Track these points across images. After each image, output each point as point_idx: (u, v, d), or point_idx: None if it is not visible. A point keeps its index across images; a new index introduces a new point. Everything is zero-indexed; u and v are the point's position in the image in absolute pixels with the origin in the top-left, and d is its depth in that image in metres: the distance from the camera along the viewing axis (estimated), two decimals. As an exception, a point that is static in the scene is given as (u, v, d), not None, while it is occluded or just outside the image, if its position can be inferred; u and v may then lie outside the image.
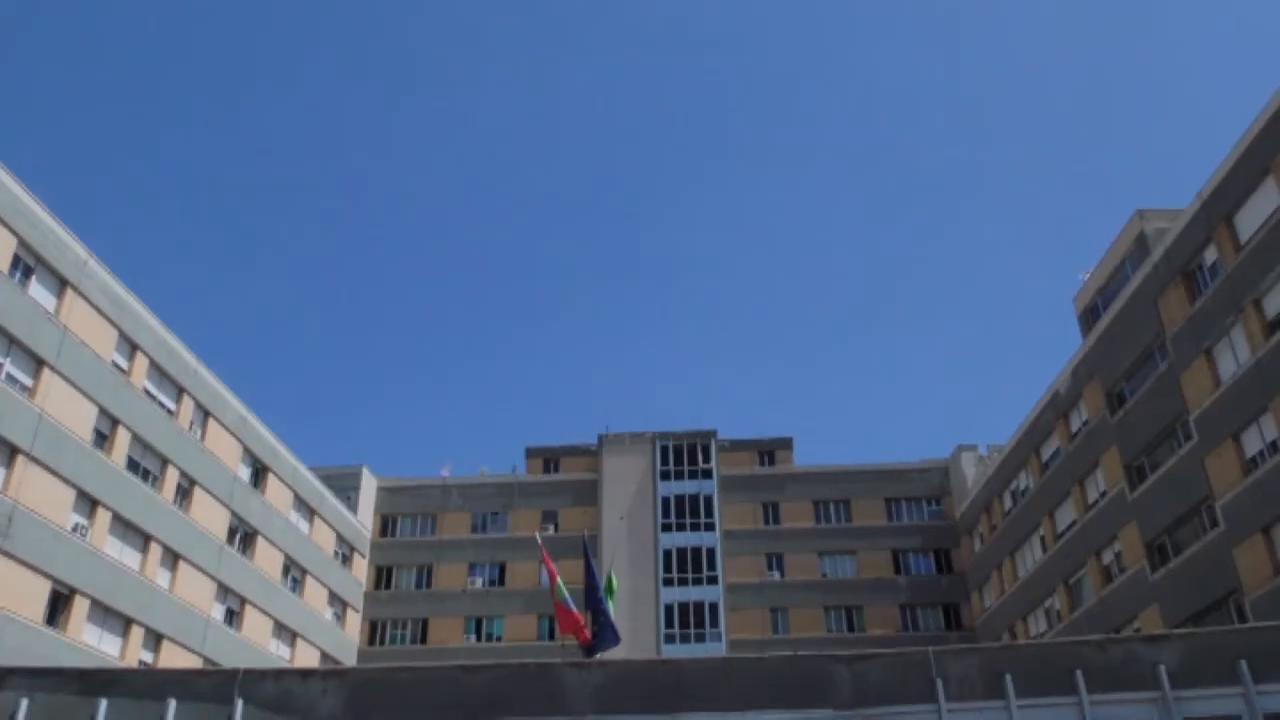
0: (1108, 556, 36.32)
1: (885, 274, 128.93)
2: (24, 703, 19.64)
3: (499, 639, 50.56)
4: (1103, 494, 36.53)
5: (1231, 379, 28.93)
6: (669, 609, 50.53)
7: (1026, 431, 43.39)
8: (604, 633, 23.28)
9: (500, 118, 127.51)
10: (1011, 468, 45.02)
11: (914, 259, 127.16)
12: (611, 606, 24.13)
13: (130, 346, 33.03)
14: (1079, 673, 19.28)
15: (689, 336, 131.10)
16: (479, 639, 50.71)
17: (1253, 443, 28.16)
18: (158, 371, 34.56)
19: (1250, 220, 28.23)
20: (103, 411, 31.34)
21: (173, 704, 20.03)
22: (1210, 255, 30.18)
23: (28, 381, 28.42)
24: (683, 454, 54.96)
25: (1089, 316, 38.45)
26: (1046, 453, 41.78)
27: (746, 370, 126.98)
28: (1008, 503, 45.66)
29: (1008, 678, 19.50)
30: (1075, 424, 39.17)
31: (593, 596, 23.74)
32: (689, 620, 50.27)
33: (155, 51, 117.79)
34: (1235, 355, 28.94)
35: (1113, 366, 35.76)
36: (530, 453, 57.67)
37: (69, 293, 30.05)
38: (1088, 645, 21.10)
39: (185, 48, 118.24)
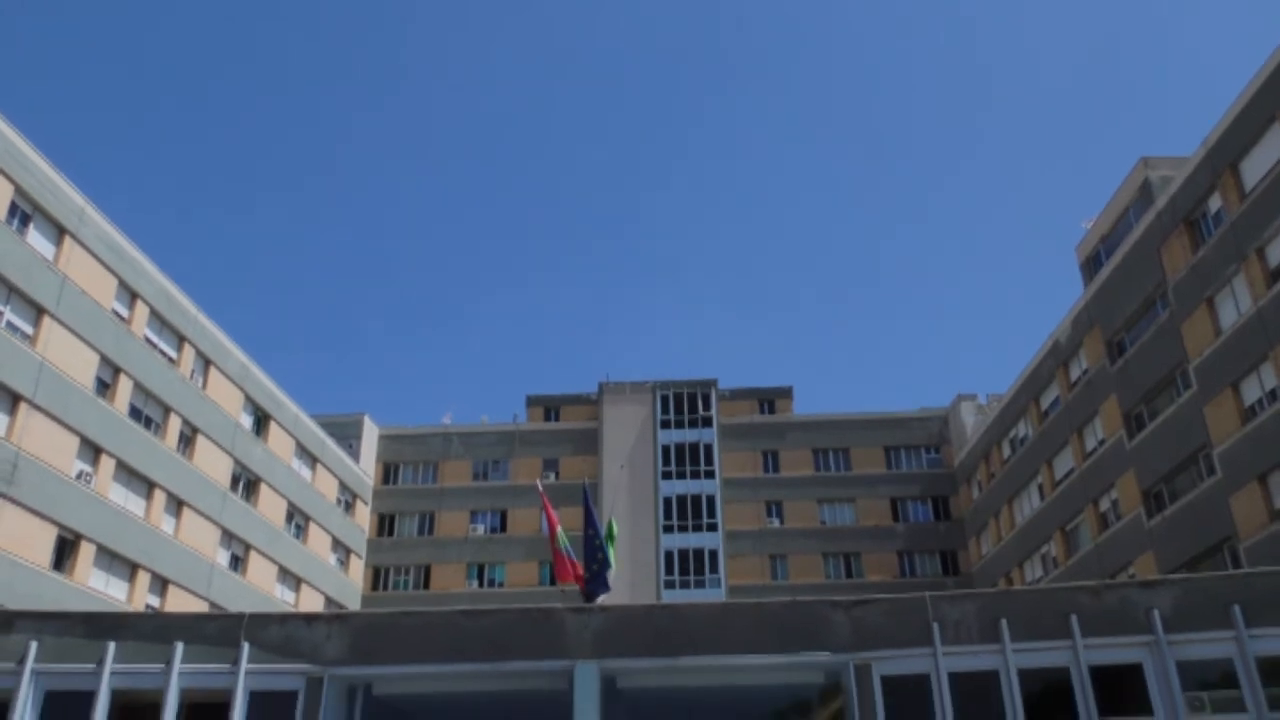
0: (1105, 504, 36.60)
1: (886, 222, 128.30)
2: (33, 645, 19.95)
3: (501, 585, 51.15)
4: (1101, 442, 36.70)
5: (1232, 328, 28.91)
6: (669, 555, 51.03)
7: (1026, 380, 43.48)
8: (596, 580, 23.53)
9: (501, 64, 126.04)
10: (1011, 416, 45.18)
11: (915, 207, 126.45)
12: (612, 553, 24.36)
13: (130, 294, 32.98)
14: (1074, 617, 19.53)
15: (690, 286, 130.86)
16: (481, 585, 51.29)
17: (1252, 391, 28.23)
18: (158, 320, 34.55)
19: (1256, 168, 28.01)
20: (104, 359, 31.39)
21: (180, 647, 20.33)
22: (1214, 203, 29.99)
23: (28, 329, 28.43)
24: (683, 403, 55.13)
25: (1091, 265, 38.33)
26: (1046, 401, 41.91)
27: (747, 320, 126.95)
28: (1006, 451, 45.89)
29: (1003, 622, 19.76)
30: (1075, 373, 39.23)
31: (589, 545, 23.96)
32: (689, 566, 50.79)
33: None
34: (1236, 304, 28.89)
35: (1114, 315, 35.71)
36: (531, 401, 57.85)
37: (67, 240, 29.93)
38: (1083, 590, 21.36)
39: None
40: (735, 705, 21.87)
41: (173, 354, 35.34)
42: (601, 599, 23.04)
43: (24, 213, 28.53)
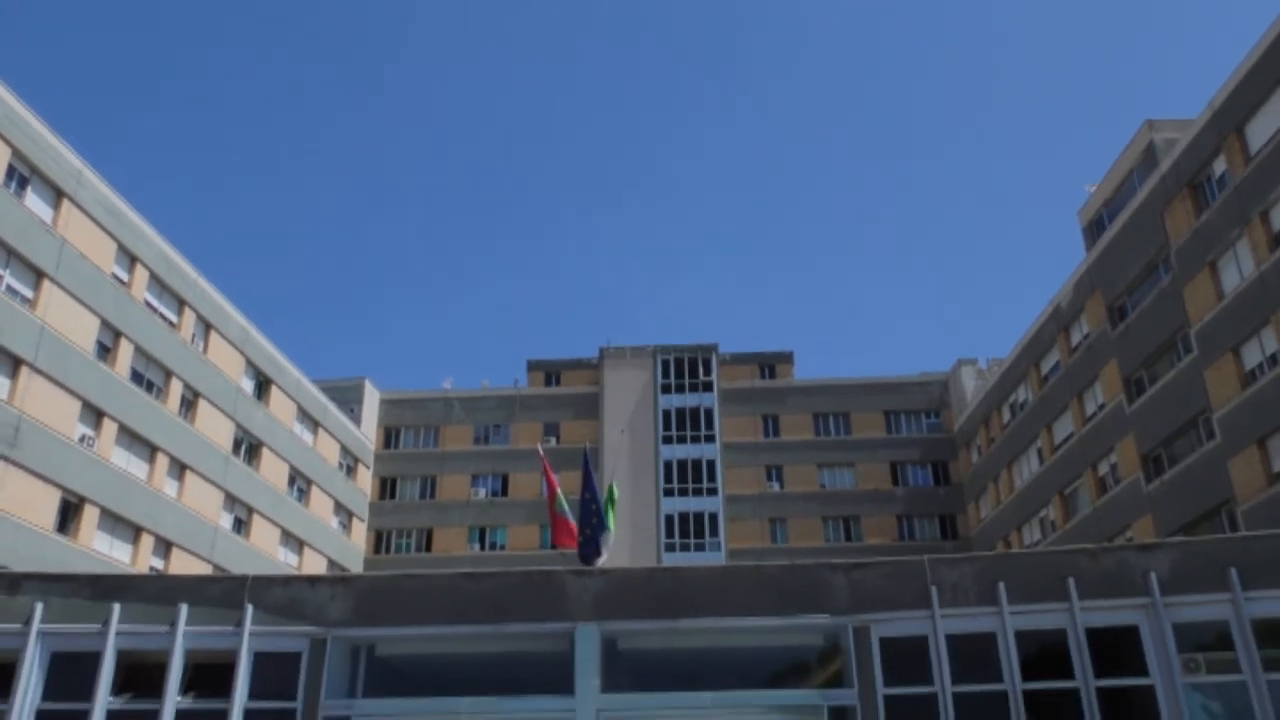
0: (1104, 468, 36.73)
1: (887, 186, 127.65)
2: (39, 607, 20.13)
3: (502, 548, 51.48)
4: (1101, 406, 36.77)
5: (1234, 292, 28.86)
6: (669, 519, 51.32)
7: (1027, 345, 43.48)
8: (589, 542, 23.66)
9: (501, 29, 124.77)
10: (1011, 381, 45.22)
11: (917, 170, 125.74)
12: (613, 517, 24.47)
13: (129, 258, 32.91)
14: (1071, 580, 19.67)
15: (690, 251, 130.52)
16: (482, 548, 51.63)
17: (1252, 355, 28.23)
18: (158, 284, 34.51)
19: (1261, 131, 27.81)
20: (104, 323, 31.38)
21: (184, 609, 20.51)
22: (1219, 167, 29.81)
23: (28, 293, 28.41)
24: (683, 367, 55.17)
25: (1094, 229, 38.18)
26: (1046, 366, 41.93)
27: (748, 285, 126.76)
28: (1006, 415, 45.99)
29: (1001, 585, 19.91)
30: (1076, 337, 39.22)
31: (585, 509, 24.08)
32: (689, 530, 51.09)
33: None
34: (1239, 268, 28.81)
35: (1116, 280, 35.63)
36: (531, 366, 57.91)
37: (65, 204, 29.83)
38: (1081, 554, 21.49)
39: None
40: (735, 667, 22.08)
41: (173, 318, 35.33)
42: (600, 562, 23.20)
43: (21, 175, 28.40)
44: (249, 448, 40.25)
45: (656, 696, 20.56)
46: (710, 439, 53.12)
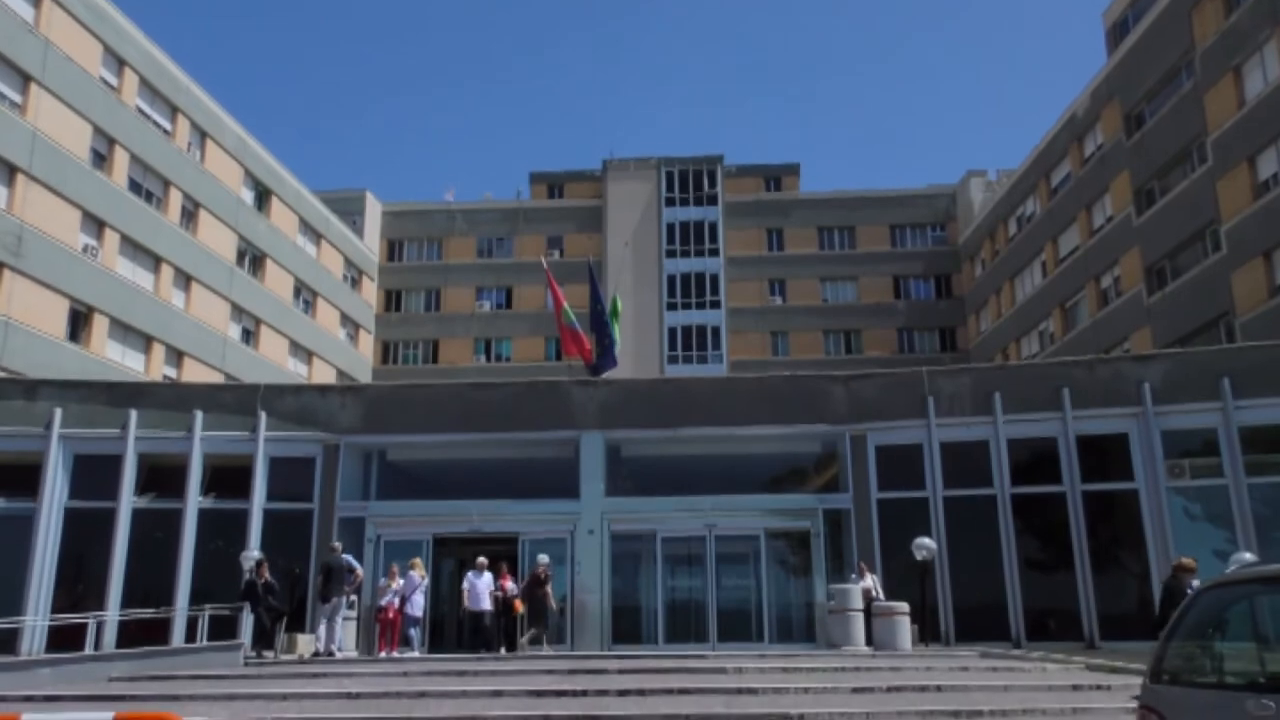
0: (1106, 281, 36.79)
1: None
2: (58, 412, 20.76)
3: (507, 359, 52.25)
4: (1109, 219, 36.46)
5: (1256, 98, 28.07)
6: (672, 332, 51.83)
7: (1039, 155, 42.65)
8: (605, 354, 24.00)
9: None
10: (1020, 193, 44.63)
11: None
12: (616, 328, 24.74)
13: (117, 62, 31.92)
14: (1065, 390, 20.14)
15: (696, 59, 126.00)
16: (488, 359, 52.42)
17: (1268, 165, 27.76)
18: (149, 89, 33.59)
19: (1302, -75, 26.25)
20: (97, 130, 30.78)
21: (199, 415, 21.16)
22: (1254, -36, 28.33)
23: (16, 97, 27.75)
24: (688, 180, 54.31)
25: (1117, 32, 36.74)
26: (1057, 178, 41.29)
27: (755, 95, 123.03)
28: (1013, 228, 45.65)
29: (997, 396, 20.40)
30: (1090, 147, 38.44)
31: (597, 320, 24.28)
32: (691, 343, 51.69)
33: None
34: (1264, 73, 27.91)
35: (1135, 85, 34.58)
36: (534, 178, 57.02)
37: (46, 3, 28.73)
38: (1077, 365, 21.90)
39: None
40: (734, 473, 22.93)
41: (167, 125, 34.59)
42: (606, 374, 23.64)
43: (-3, -26, 27.12)
44: (253, 259, 40.24)
45: (658, 500, 21.47)
46: (714, 253, 52.92)
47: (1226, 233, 29.18)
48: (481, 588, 18.15)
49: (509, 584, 18.62)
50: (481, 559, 18.68)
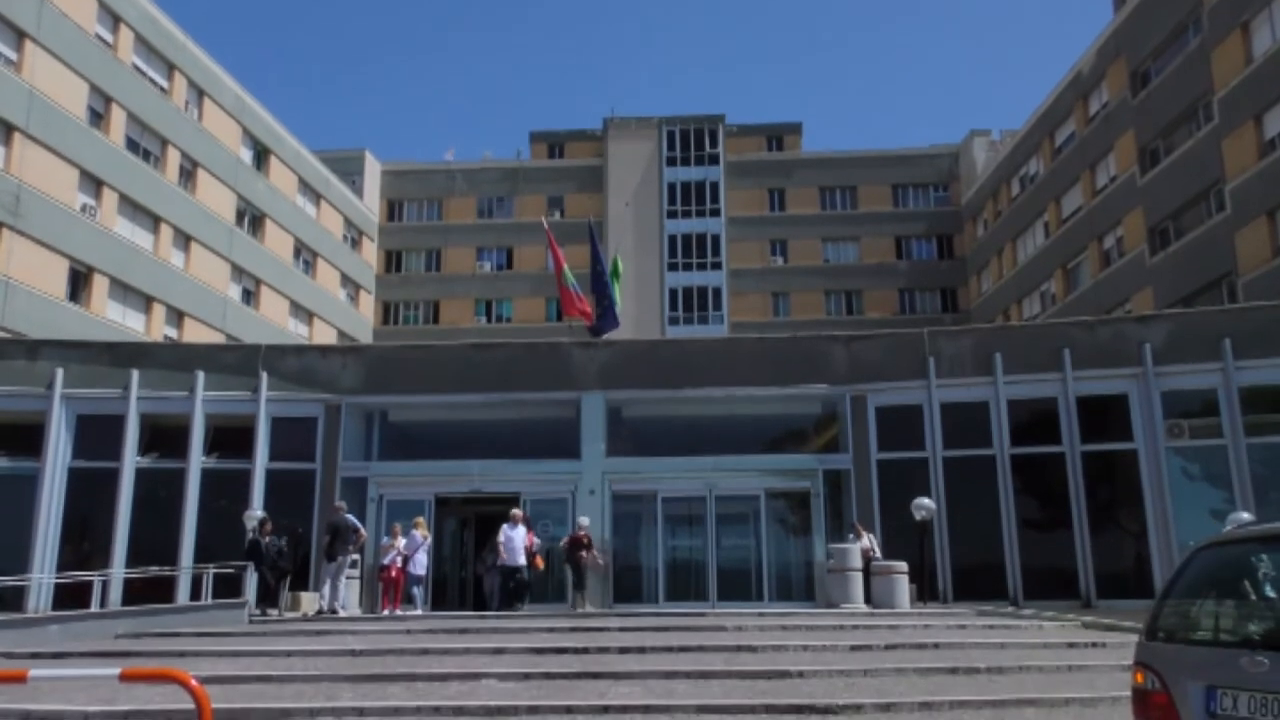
0: (1109, 241, 36.64)
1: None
2: (59, 372, 20.80)
3: (508, 320, 52.18)
4: (1113, 179, 36.23)
5: (1264, 55, 27.79)
6: (673, 293, 51.72)
7: (1043, 115, 42.29)
8: (606, 315, 23.97)
9: None
10: (1023, 153, 44.30)
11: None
12: (618, 289, 24.70)
13: (113, 18, 31.60)
14: (1066, 351, 20.14)
15: (698, 17, 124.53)
16: (489, 320, 52.36)
17: (1274, 124, 27.55)
18: (145, 46, 33.27)
19: (1314, -122, 25.80)
20: (94, 88, 30.52)
21: (201, 375, 21.20)
22: (1264, -82, 27.90)
23: (12, 55, 27.49)
24: (689, 139, 53.88)
25: (1124, -11, 36.30)
26: (1061, 137, 40.97)
27: (757, 53, 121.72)
28: (1015, 189, 45.38)
29: (997, 356, 20.40)
30: (1094, 106, 38.11)
31: (598, 281, 24.23)
32: (693, 304, 51.60)
33: None
34: (1273, 29, 27.59)
35: (1142, 42, 34.20)
36: (534, 137, 56.61)
37: (38, -41, 28.41)
38: (1078, 325, 21.87)
39: None
40: (734, 434, 22.98)
41: (164, 84, 34.29)
42: (607, 335, 23.64)
43: (-11, -72, 26.75)
44: (252, 219, 40.07)
45: (659, 461, 21.57)
46: (715, 213, 52.66)
47: (1231, 192, 29.00)
48: (518, 541, 18.09)
49: (534, 539, 18.82)
50: (516, 510, 18.76)
